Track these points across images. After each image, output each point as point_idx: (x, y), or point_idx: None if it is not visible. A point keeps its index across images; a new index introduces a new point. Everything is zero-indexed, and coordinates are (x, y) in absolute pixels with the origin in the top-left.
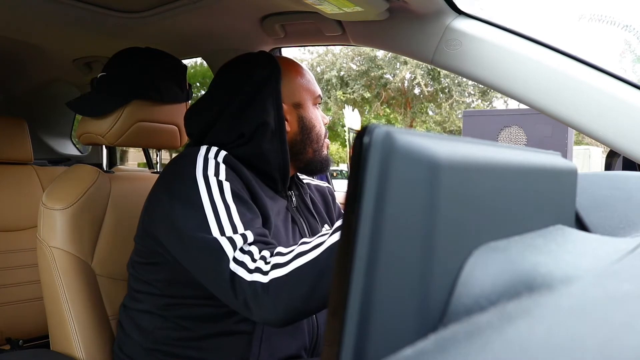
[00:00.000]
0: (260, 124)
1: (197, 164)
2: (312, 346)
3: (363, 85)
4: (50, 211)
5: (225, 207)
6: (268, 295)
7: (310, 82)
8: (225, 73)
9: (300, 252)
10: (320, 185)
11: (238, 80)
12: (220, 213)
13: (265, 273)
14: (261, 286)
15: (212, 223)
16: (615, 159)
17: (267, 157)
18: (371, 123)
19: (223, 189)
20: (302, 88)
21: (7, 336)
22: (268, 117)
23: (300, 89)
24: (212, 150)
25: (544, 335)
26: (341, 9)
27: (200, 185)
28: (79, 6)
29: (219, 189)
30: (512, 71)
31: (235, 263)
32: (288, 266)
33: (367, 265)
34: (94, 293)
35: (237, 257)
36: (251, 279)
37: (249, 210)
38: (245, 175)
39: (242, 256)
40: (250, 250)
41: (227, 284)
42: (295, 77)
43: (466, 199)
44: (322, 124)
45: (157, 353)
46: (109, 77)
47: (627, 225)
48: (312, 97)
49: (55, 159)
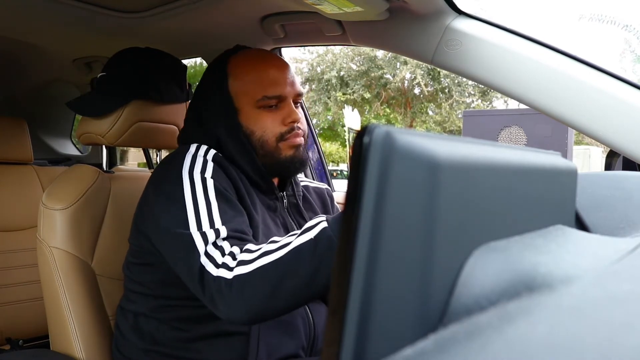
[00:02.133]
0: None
1: (185, 162)
2: (309, 345)
3: (363, 86)
4: (50, 211)
5: (206, 204)
6: (231, 292)
7: (256, 83)
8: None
9: (266, 251)
10: (319, 187)
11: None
12: (200, 210)
13: (231, 269)
14: (225, 282)
15: (191, 219)
16: (615, 159)
17: (238, 161)
18: (371, 123)
19: (207, 187)
20: (241, 92)
21: (7, 336)
22: (223, 123)
23: (238, 94)
24: (202, 149)
25: (544, 335)
26: (341, 9)
27: (185, 182)
28: (79, 6)
29: (202, 187)
30: (512, 71)
31: (206, 257)
32: (252, 264)
33: (367, 265)
34: (94, 293)
35: (208, 251)
36: (217, 274)
37: (231, 208)
38: (232, 175)
39: (213, 251)
40: (222, 246)
41: (196, 277)
42: (241, 79)
43: (466, 199)
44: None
45: (154, 354)
46: (109, 77)
47: (627, 225)
48: (252, 100)
49: (55, 159)
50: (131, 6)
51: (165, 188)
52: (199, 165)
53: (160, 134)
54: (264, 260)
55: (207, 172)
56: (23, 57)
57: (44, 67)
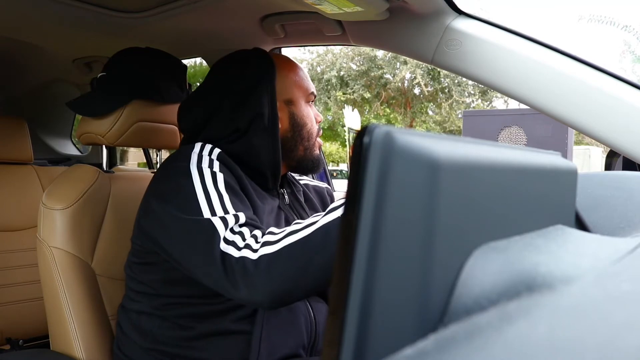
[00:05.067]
0: (254, 119)
1: (192, 159)
2: (310, 344)
3: (363, 85)
4: (50, 211)
5: (217, 194)
6: (257, 272)
7: (304, 79)
8: (220, 70)
9: (292, 231)
10: (319, 185)
11: (233, 77)
12: (212, 199)
13: (255, 250)
14: (250, 262)
15: (204, 207)
16: (615, 159)
17: (258, 153)
18: (371, 123)
19: (217, 179)
20: (295, 85)
21: (7, 336)
22: (263, 113)
23: (292, 86)
24: (206, 148)
25: (544, 335)
26: (341, 9)
27: (194, 176)
28: (79, 6)
29: (212, 179)
30: (512, 71)
31: (226, 243)
32: (278, 244)
33: (367, 265)
34: (94, 293)
35: (227, 237)
36: (239, 255)
37: (241, 201)
38: (237, 172)
39: (232, 236)
40: (242, 231)
41: (218, 262)
42: (288, 74)
43: (466, 199)
44: (314, 123)
45: (156, 353)
46: (109, 77)
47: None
48: (304, 94)
49: (55, 159)
50: (131, 6)
51: (174, 184)
52: (206, 161)
53: (160, 134)
54: (290, 239)
55: (214, 167)
56: (23, 57)
57: (44, 67)
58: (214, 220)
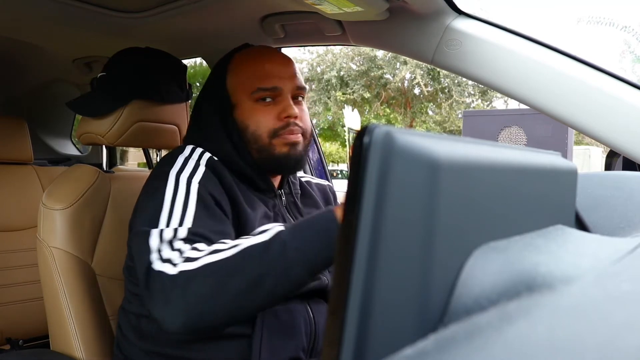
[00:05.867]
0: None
1: (176, 163)
2: (310, 346)
3: (363, 85)
4: (50, 211)
5: (183, 206)
6: (173, 289)
7: (250, 77)
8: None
9: (215, 250)
10: (321, 183)
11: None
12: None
13: (175, 265)
14: (167, 277)
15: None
16: (615, 159)
17: (231, 158)
18: (371, 123)
19: (189, 191)
20: (239, 86)
21: (7, 336)
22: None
23: (236, 89)
24: (196, 151)
25: (544, 335)
26: (341, 8)
27: (169, 183)
28: (79, 6)
29: (185, 190)
30: (512, 71)
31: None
32: (199, 261)
33: (367, 266)
34: (94, 293)
35: (160, 248)
36: (159, 269)
37: (209, 215)
38: (226, 179)
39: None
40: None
41: (143, 274)
42: (238, 74)
43: (466, 199)
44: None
45: (156, 356)
46: (109, 77)
47: (627, 225)
48: (247, 93)
49: (55, 159)
50: (131, 6)
51: (151, 186)
52: (189, 168)
53: (160, 134)
54: (211, 258)
55: (195, 176)
56: (23, 57)
57: (44, 67)
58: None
